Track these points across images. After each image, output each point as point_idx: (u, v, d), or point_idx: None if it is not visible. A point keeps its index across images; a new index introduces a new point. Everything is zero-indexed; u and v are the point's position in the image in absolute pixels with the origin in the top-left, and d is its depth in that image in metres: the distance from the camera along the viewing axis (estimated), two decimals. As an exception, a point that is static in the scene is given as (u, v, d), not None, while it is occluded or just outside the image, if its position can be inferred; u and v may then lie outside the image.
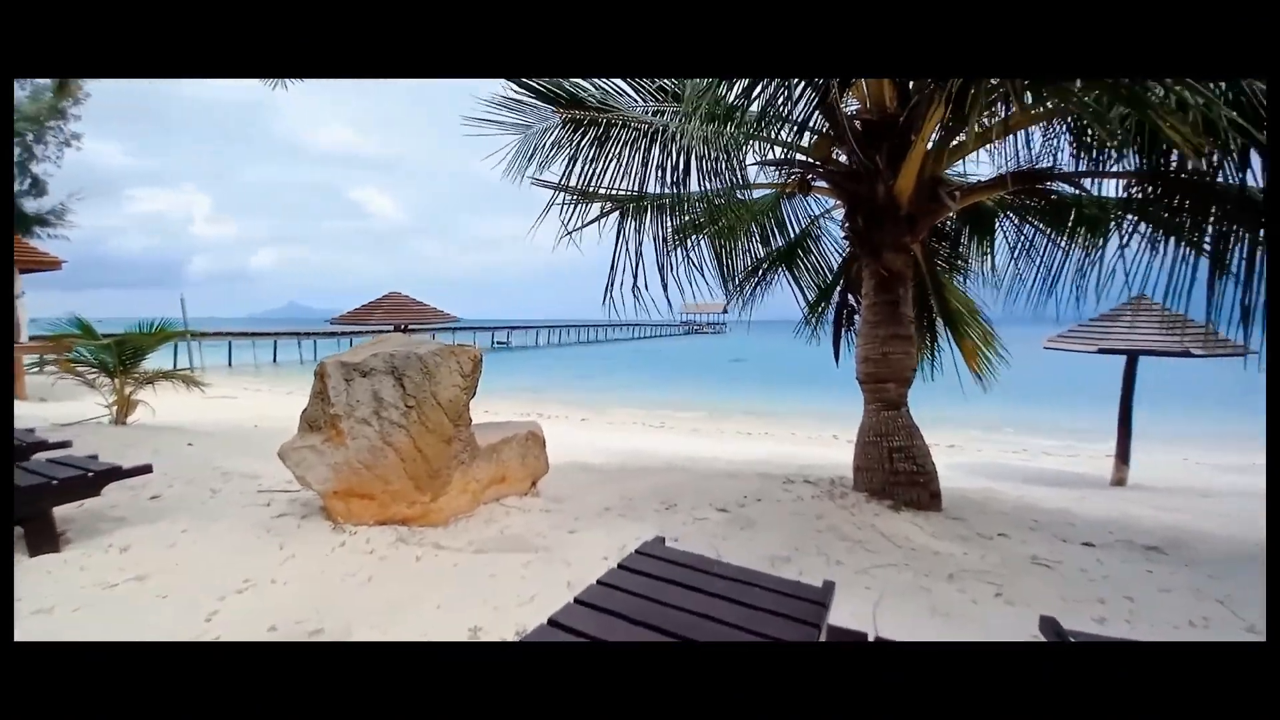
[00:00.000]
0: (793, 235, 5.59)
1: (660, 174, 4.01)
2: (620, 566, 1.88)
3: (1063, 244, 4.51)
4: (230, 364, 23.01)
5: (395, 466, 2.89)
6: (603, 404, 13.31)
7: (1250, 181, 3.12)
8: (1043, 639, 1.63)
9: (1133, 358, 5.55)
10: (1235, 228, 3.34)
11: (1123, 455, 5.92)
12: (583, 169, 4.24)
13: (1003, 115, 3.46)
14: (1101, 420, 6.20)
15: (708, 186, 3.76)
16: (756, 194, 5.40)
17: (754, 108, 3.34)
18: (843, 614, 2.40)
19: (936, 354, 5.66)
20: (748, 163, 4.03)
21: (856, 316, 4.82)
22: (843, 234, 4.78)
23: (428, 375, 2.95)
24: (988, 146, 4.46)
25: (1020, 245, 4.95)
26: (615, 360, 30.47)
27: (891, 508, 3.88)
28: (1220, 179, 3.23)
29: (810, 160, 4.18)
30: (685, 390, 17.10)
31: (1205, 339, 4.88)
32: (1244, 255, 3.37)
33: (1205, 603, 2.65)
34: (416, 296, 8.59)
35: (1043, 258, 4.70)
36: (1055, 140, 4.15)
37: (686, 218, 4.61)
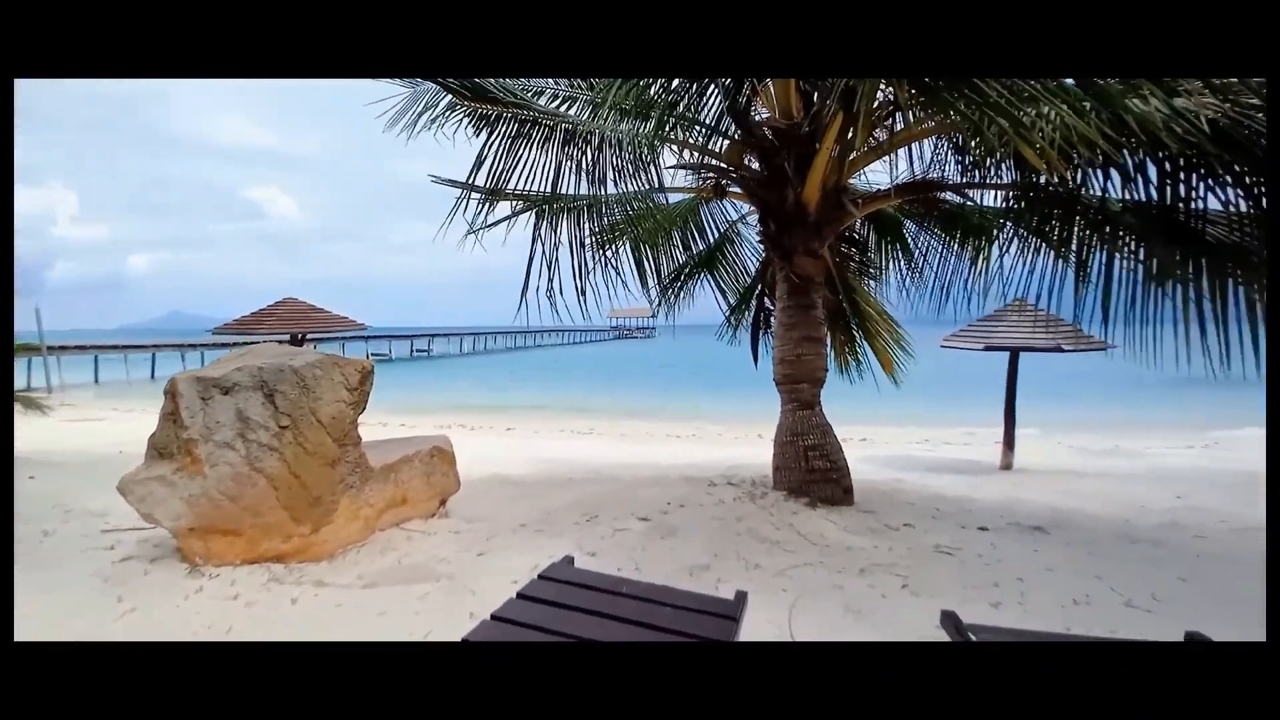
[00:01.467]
0: (712, 240, 5.63)
1: (575, 174, 3.88)
2: (520, 596, 1.71)
3: (954, 251, 4.83)
4: (97, 380, 20.17)
5: (266, 496, 2.53)
6: (529, 412, 12.92)
7: (1111, 194, 3.47)
8: (946, 638, 1.63)
9: (1015, 354, 6.07)
10: (1095, 237, 3.71)
11: (1009, 442, 6.46)
12: (493, 165, 4.01)
13: (894, 128, 3.61)
14: (993, 410, 6.77)
15: (624, 189, 3.68)
16: (675, 199, 5.40)
17: (665, 107, 3.28)
18: (759, 620, 2.36)
19: (859, 354, 5.91)
20: (664, 165, 3.99)
21: (773, 319, 4.91)
22: (757, 239, 4.86)
23: (305, 390, 2.62)
24: (885, 158, 4.71)
25: (919, 251, 5.29)
26: (543, 367, 29.86)
27: (808, 505, 3.95)
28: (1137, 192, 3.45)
29: (724, 165, 4.21)
30: (614, 395, 17.02)
31: (1073, 336, 5.43)
32: (1103, 262, 3.76)
33: (1086, 580, 2.87)
34: (328, 304, 7.88)
35: (938, 263, 5.04)
36: (943, 154, 4.43)
37: (605, 221, 4.51)
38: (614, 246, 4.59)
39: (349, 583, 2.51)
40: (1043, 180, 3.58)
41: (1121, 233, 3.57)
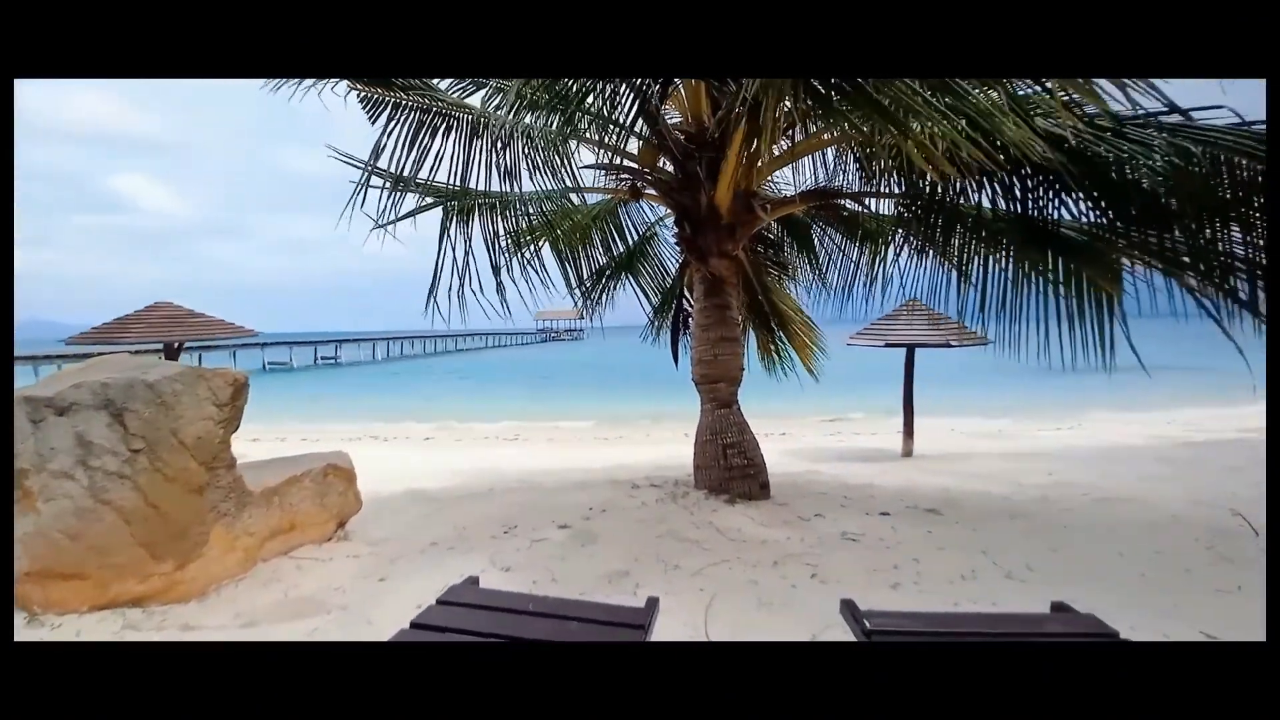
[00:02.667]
0: (632, 242, 5.63)
1: (485, 170, 3.72)
2: (413, 625, 1.58)
3: (855, 254, 5.14)
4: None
5: (116, 531, 2.19)
6: (450, 420, 12.34)
7: (986, 204, 3.82)
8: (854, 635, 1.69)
9: (910, 350, 6.58)
10: (973, 243, 4.08)
11: (909, 431, 6.99)
12: (395, 155, 3.75)
13: (795, 138, 3.76)
14: (898, 402, 7.31)
15: (539, 187, 3.57)
16: (594, 199, 5.35)
17: (576, 103, 3.22)
18: (676, 621, 2.36)
19: (783, 353, 6.13)
20: (579, 165, 3.92)
21: (691, 320, 4.99)
22: (674, 241, 4.91)
23: (163, 408, 2.30)
24: (794, 165, 4.92)
25: (825, 254, 5.59)
26: (466, 372, 28.65)
27: (727, 502, 4.04)
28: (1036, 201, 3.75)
29: (639, 167, 4.22)
30: (542, 399, 16.69)
31: (959, 332, 5.95)
32: (981, 265, 4.14)
33: (973, 556, 3.12)
34: (215, 309, 7.08)
35: (841, 265, 5.34)
36: (844, 163, 4.69)
37: (522, 220, 4.36)
38: (532, 246, 4.45)
39: (223, 623, 2.23)
40: (927, 191, 3.87)
41: (995, 239, 3.95)
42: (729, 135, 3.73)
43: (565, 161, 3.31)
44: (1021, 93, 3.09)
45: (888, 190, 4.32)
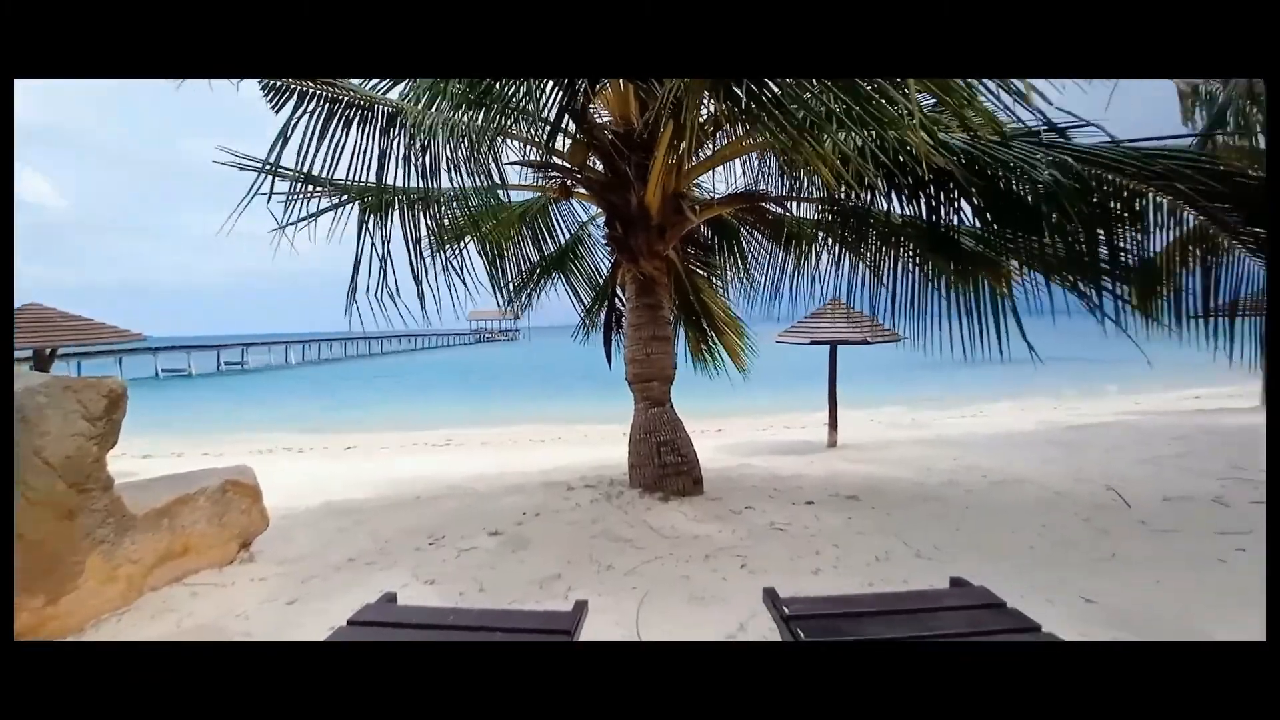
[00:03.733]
0: (563, 241, 5.57)
1: (403, 165, 3.54)
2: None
3: (780, 255, 5.35)
4: None
5: (-37, 567, 1.90)
6: (374, 426, 11.69)
7: (895, 210, 4.09)
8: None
9: (833, 346, 6.94)
10: (884, 246, 4.35)
11: (833, 423, 7.37)
12: (302, 148, 3.50)
13: (717, 143, 3.86)
14: (824, 396, 7.70)
15: (462, 184, 3.44)
16: (524, 197, 5.24)
17: (501, 100, 3.12)
18: (608, 621, 2.36)
19: (714, 351, 6.26)
20: (505, 161, 3.82)
21: (623, 320, 5.00)
22: (604, 240, 4.90)
23: (24, 425, 2.01)
24: (723, 168, 5.04)
25: (753, 255, 5.77)
26: (393, 375, 27.23)
27: (662, 499, 4.08)
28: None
29: (568, 165, 4.17)
30: (476, 402, 16.14)
31: (875, 330, 6.34)
32: (892, 266, 4.43)
33: (888, 538, 3.33)
34: (104, 312, 6.29)
35: (768, 266, 5.54)
36: (769, 168, 4.86)
37: (446, 218, 4.20)
38: (457, 245, 4.29)
39: (100, 663, 1.99)
40: (842, 197, 4.09)
41: (903, 242, 4.24)
42: (657, 136, 3.77)
43: (491, 157, 3.20)
44: (927, 103, 3.33)
45: (809, 195, 4.53)
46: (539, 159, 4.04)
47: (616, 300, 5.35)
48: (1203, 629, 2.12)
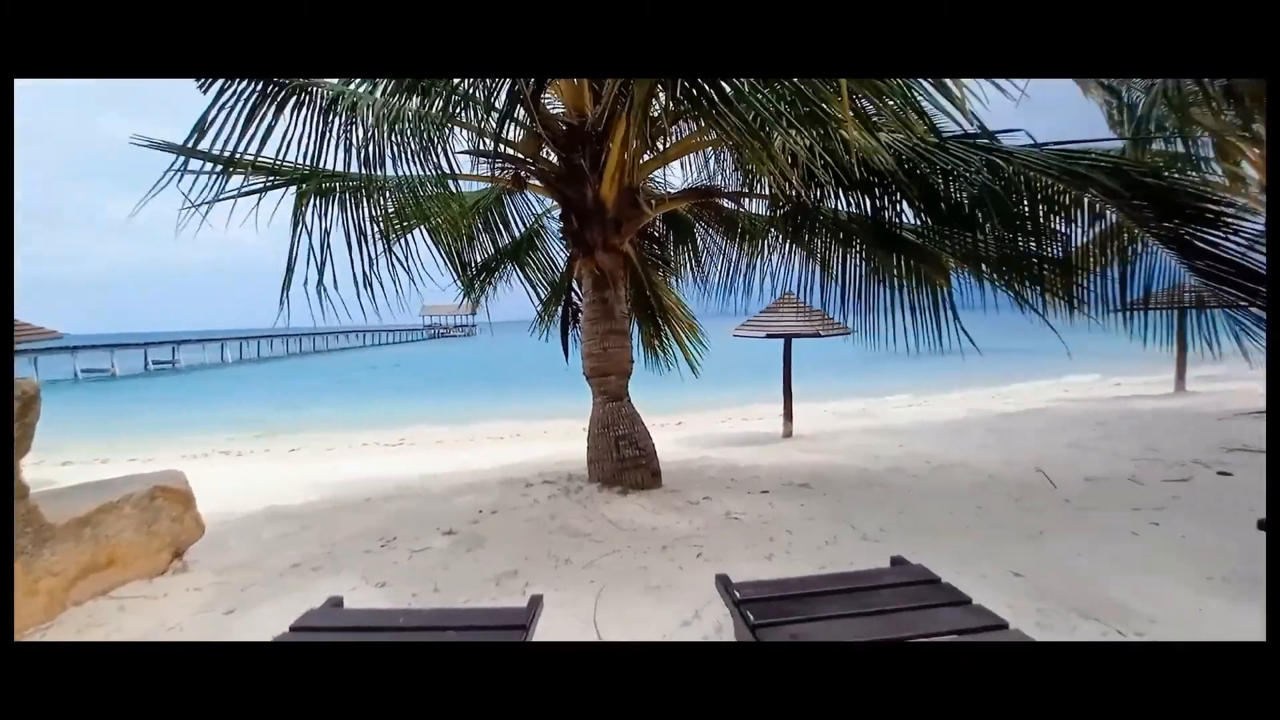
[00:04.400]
0: (519, 233, 5.48)
1: (347, 151, 3.38)
2: (258, 655, 1.41)
3: (734, 250, 5.44)
4: None
5: None
6: (320, 427, 11.20)
7: (842, 208, 4.23)
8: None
9: (788, 340, 7.12)
10: (833, 242, 4.50)
11: (788, 414, 7.58)
12: (229, 128, 3.27)
13: (669, 139, 3.87)
14: (779, 388, 7.91)
15: (409, 172, 3.31)
16: (476, 189, 5.12)
17: (449, 88, 3.03)
18: (566, 614, 2.36)
19: (668, 346, 6.30)
20: (456, 150, 3.70)
21: (580, 314, 4.97)
22: (560, 233, 4.85)
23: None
24: (679, 163, 5.07)
25: (708, 250, 5.85)
26: (340, 373, 26.08)
27: (620, 493, 4.10)
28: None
29: (521, 157, 4.10)
30: (429, 400, 15.68)
31: (826, 324, 6.55)
32: (840, 262, 4.59)
33: (837, 523, 3.46)
34: (23, 307, 5.68)
35: (723, 261, 5.63)
36: (723, 165, 4.93)
37: (391, 207, 4.05)
38: (405, 237, 4.15)
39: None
40: (792, 194, 4.19)
41: (850, 239, 4.39)
42: (611, 129, 3.76)
43: (439, 145, 3.10)
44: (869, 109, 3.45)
45: (760, 192, 4.62)
46: (490, 149, 3.95)
47: (573, 294, 5.30)
48: (1115, 597, 2.31)
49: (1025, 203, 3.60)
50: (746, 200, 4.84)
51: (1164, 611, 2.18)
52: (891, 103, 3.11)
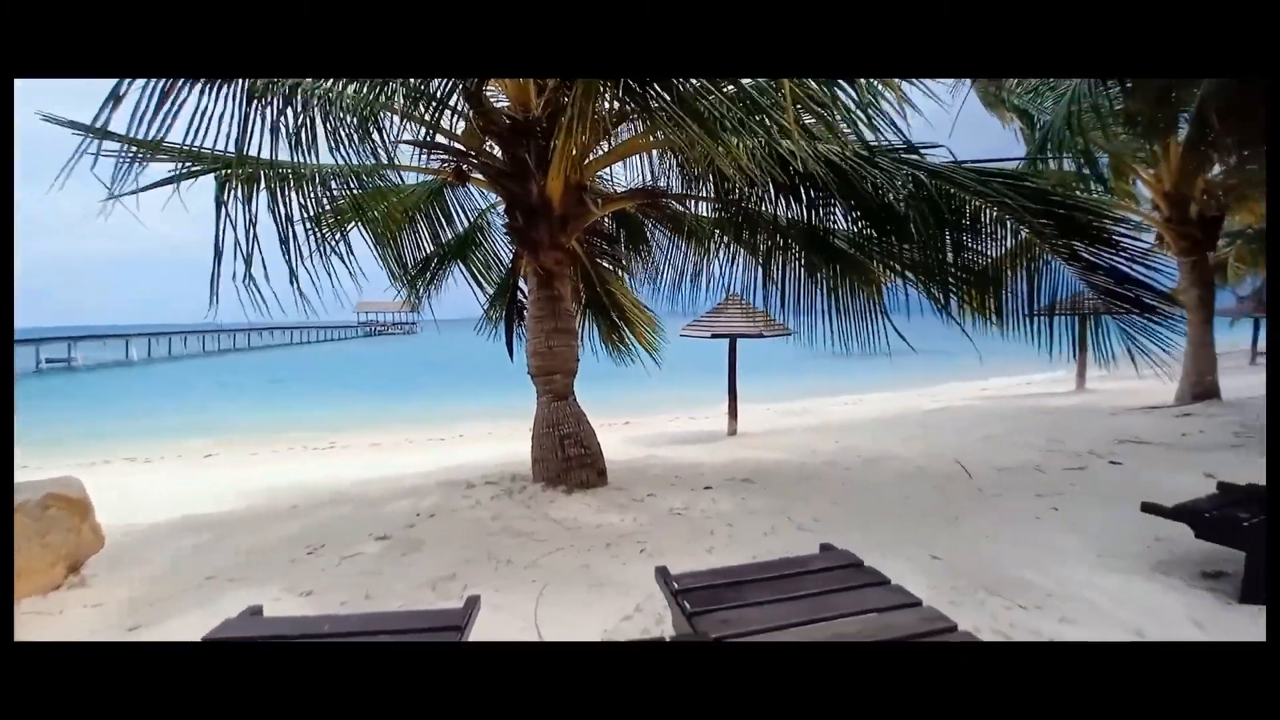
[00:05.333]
0: (462, 228, 5.34)
1: (275, 138, 3.18)
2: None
3: (682, 251, 5.53)
4: None
5: None
6: (242, 430, 10.46)
7: (781, 212, 4.38)
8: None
9: (732, 340, 7.31)
10: (773, 245, 4.66)
11: (733, 412, 7.78)
12: (142, 110, 3.00)
13: (621, 135, 3.89)
14: (723, 388, 8.12)
15: (345, 161, 3.16)
16: (416, 180, 4.94)
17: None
18: (507, 615, 2.32)
19: (626, 342, 6.29)
20: (393, 140, 3.56)
21: (525, 312, 4.91)
22: (504, 229, 4.77)
23: None
24: (624, 163, 5.10)
25: (658, 250, 5.91)
26: (265, 373, 24.37)
27: (565, 492, 4.08)
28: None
29: (463, 149, 4.00)
30: (365, 401, 14.96)
31: (769, 324, 6.77)
32: (781, 266, 4.76)
33: (775, 515, 3.58)
34: None
35: (671, 261, 5.71)
36: (668, 165, 4.99)
37: (325, 198, 3.84)
38: (339, 229, 3.96)
39: None
40: (734, 197, 4.32)
41: (789, 243, 4.56)
42: (557, 125, 3.73)
43: (375, 133, 2.97)
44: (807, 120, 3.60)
45: (705, 195, 4.72)
46: (430, 139, 3.82)
47: (519, 292, 5.23)
48: (1018, 575, 2.52)
49: (945, 215, 3.86)
50: (693, 202, 4.93)
51: (1059, 586, 2.40)
52: (829, 114, 3.25)
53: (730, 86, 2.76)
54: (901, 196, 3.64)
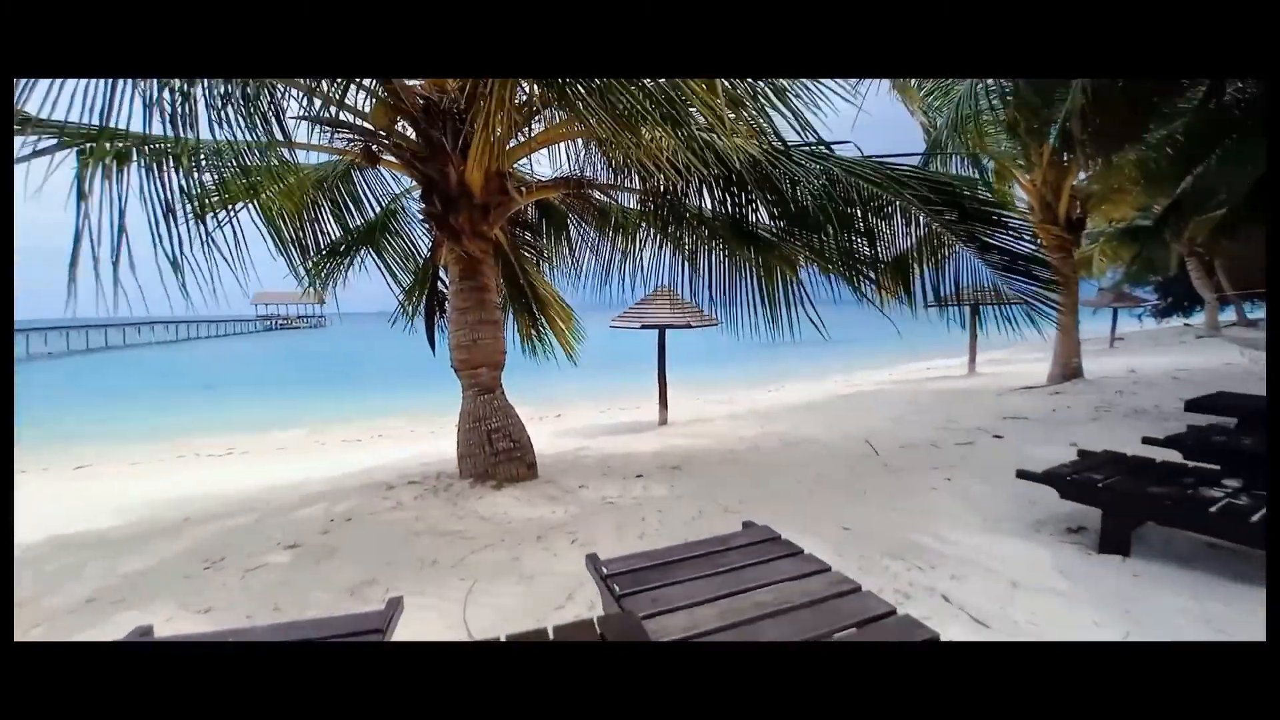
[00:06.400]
0: (373, 214, 5.02)
1: (147, 109, 2.82)
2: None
3: (608, 242, 5.52)
4: None
5: None
6: (122, 438, 9.33)
7: (705, 205, 4.49)
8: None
9: (662, 331, 7.43)
10: (698, 238, 4.77)
11: (663, 402, 7.92)
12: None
13: (543, 124, 3.82)
14: (654, 378, 8.23)
15: (231, 136, 2.85)
16: (319, 161, 4.59)
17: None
18: (434, 615, 2.25)
19: (544, 337, 6.19)
20: (291, 116, 3.27)
21: (447, 303, 4.71)
22: (420, 216, 4.55)
23: None
24: (550, 151, 5.00)
25: (584, 241, 5.86)
26: (145, 374, 21.79)
27: (494, 487, 3.98)
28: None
29: (372, 128, 3.75)
30: (269, 402, 13.76)
31: (696, 315, 6.94)
32: (706, 257, 4.88)
33: (702, 500, 3.70)
34: None
35: (598, 252, 5.69)
36: (592, 156, 4.96)
37: (211, 178, 3.48)
38: (229, 212, 3.59)
39: None
40: (660, 189, 4.37)
41: (714, 235, 4.69)
42: (475, 108, 3.59)
43: (269, 108, 2.71)
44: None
45: (630, 186, 4.74)
46: (333, 116, 3.55)
47: (439, 282, 5.01)
48: (916, 540, 2.78)
49: (856, 208, 4.13)
50: (618, 193, 4.93)
51: (950, 549, 2.67)
52: (745, 110, 3.37)
53: (650, 81, 2.79)
54: (816, 190, 3.85)
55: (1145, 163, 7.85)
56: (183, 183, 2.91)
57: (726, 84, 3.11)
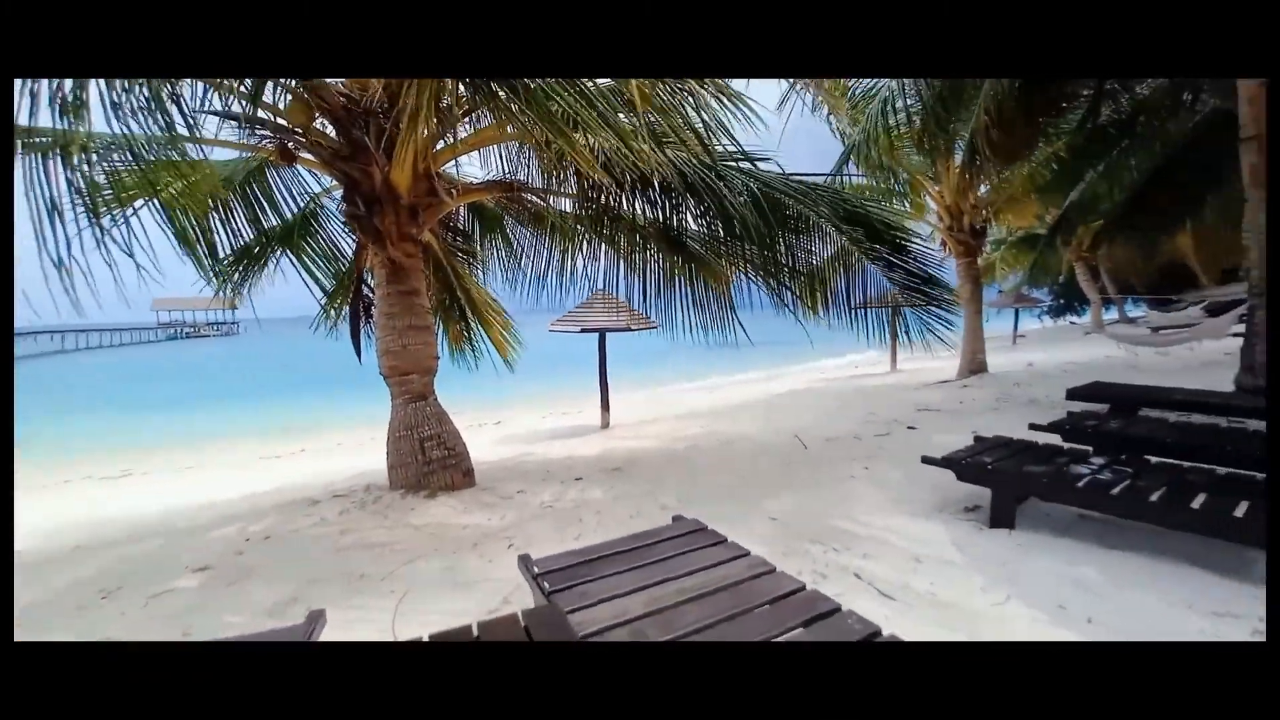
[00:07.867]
0: (290, 214, 4.76)
1: (33, 99, 2.55)
2: None
3: (545, 246, 5.51)
4: None
5: None
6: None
7: (639, 211, 4.58)
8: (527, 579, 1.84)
9: (602, 334, 7.47)
10: (633, 243, 4.86)
11: (605, 405, 7.95)
12: None
13: (473, 125, 3.78)
14: (595, 382, 8.23)
15: (128, 129, 2.63)
16: (228, 157, 4.30)
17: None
18: (359, 632, 2.18)
19: (475, 341, 6.06)
20: (198, 110, 3.06)
21: (374, 309, 4.54)
22: (342, 217, 4.36)
23: None
24: (480, 155, 4.94)
25: (520, 245, 5.81)
26: (32, 388, 19.43)
27: (428, 496, 3.88)
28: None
29: (287, 125, 3.57)
30: (173, 419, 12.62)
31: (636, 318, 7.02)
32: (642, 261, 4.98)
33: (641, 499, 3.77)
34: None
35: (534, 257, 5.66)
36: (526, 159, 4.94)
37: (100, 173, 3.18)
38: (123, 211, 3.30)
39: None
40: (595, 195, 4.42)
41: (647, 241, 4.79)
42: (400, 107, 3.50)
43: (170, 101, 2.52)
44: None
45: (567, 190, 4.76)
46: (244, 112, 3.35)
47: (365, 286, 4.81)
48: (836, 525, 2.98)
49: (776, 221, 4.35)
50: (553, 197, 4.93)
51: (864, 530, 2.88)
52: (675, 119, 3.48)
53: (586, 84, 2.83)
54: (741, 202, 4.03)
55: (1034, 177, 8.77)
56: (70, 177, 2.66)
57: (662, 88, 3.20)
